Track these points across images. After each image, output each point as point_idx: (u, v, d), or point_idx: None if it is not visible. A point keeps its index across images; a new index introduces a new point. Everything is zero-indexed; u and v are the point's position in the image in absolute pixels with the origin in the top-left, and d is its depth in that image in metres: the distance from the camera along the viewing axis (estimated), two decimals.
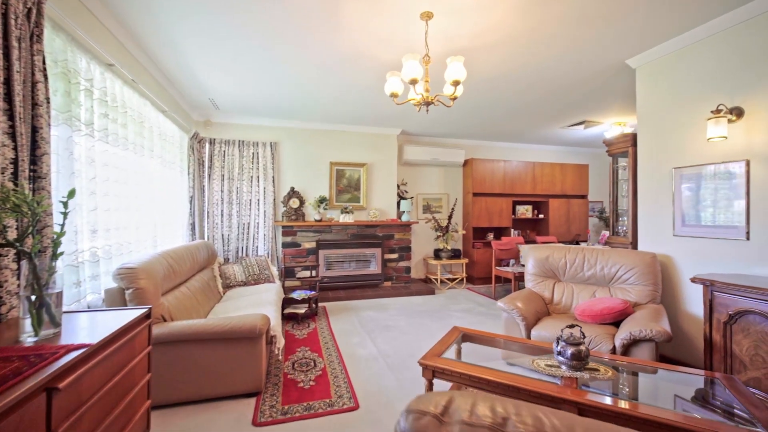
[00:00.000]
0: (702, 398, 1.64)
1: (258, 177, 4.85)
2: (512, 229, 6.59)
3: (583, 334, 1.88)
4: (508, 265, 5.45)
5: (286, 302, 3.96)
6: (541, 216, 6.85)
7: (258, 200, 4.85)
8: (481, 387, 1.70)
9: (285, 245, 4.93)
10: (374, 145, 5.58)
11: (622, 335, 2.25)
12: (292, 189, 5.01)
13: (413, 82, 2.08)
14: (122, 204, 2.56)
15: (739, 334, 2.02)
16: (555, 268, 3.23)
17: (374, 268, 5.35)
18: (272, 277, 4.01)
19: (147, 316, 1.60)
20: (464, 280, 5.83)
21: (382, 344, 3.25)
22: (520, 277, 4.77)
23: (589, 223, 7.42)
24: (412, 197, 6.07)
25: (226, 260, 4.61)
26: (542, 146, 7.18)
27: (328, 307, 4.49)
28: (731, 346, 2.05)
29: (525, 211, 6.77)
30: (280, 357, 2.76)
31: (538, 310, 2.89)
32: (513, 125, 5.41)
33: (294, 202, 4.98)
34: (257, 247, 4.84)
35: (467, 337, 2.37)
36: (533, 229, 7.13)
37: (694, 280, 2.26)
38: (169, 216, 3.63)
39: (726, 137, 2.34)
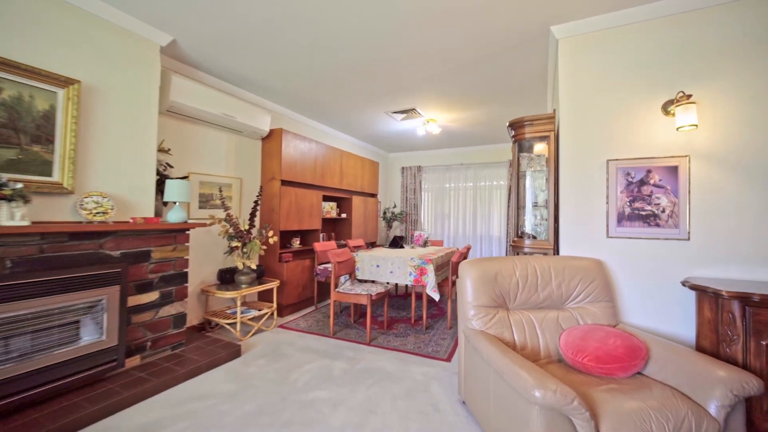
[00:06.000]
0: None
1: None
2: (320, 233, 5.13)
3: None
4: (337, 285, 3.96)
5: None
6: (344, 215, 5.82)
7: None
8: None
9: None
10: (103, 48, 2.45)
11: (717, 397, 1.44)
12: None
13: None
14: None
15: None
16: (505, 291, 2.16)
17: (96, 335, 2.24)
18: None
19: None
20: (275, 313, 3.75)
21: None
22: (377, 300, 3.43)
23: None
24: (184, 177, 3.26)
25: None
26: (347, 136, 6.19)
27: None
28: None
29: (330, 209, 5.51)
30: None
31: None
32: (341, 91, 3.98)
33: None
34: None
35: None
36: (333, 230, 6.00)
37: (704, 288, 1.79)
38: None
39: (697, 125, 2.10)
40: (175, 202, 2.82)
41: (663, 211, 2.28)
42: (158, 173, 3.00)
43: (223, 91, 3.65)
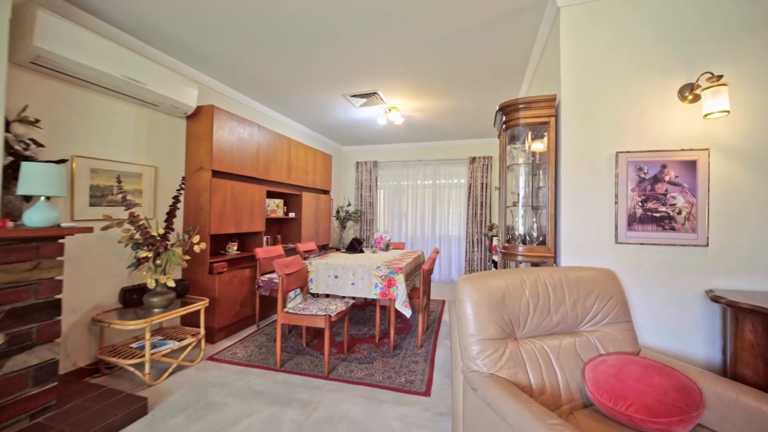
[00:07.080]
0: None
1: None
2: (264, 236, 4.32)
3: None
4: (285, 303, 3.23)
5: None
6: (292, 214, 5.05)
7: None
8: None
9: None
10: None
11: None
12: None
13: None
14: None
15: None
16: (515, 317, 1.67)
17: None
18: None
19: None
20: (203, 341, 2.91)
21: None
22: (336, 322, 2.78)
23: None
24: (63, 161, 2.28)
25: None
26: (297, 123, 5.39)
27: None
28: None
29: (276, 207, 4.70)
30: None
31: None
32: (291, 63, 3.26)
33: None
34: None
35: None
36: (280, 231, 5.19)
37: (750, 307, 1.47)
38: None
39: (729, 112, 1.80)
40: (42, 197, 1.90)
41: (679, 213, 1.98)
42: (14, 153, 2.03)
43: (126, 47, 2.71)
